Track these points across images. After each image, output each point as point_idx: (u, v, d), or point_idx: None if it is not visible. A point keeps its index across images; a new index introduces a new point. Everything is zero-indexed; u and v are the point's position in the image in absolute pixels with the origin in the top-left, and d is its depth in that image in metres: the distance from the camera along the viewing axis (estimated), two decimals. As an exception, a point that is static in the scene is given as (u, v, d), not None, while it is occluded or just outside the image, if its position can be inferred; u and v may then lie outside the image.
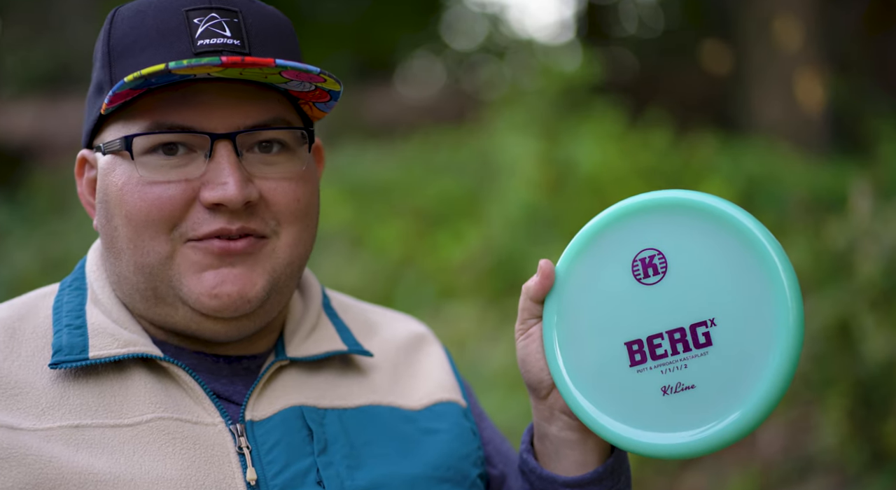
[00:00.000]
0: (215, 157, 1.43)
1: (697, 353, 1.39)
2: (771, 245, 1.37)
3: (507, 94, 7.71)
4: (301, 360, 1.54)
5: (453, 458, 1.56)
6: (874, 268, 3.66)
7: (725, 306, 1.38)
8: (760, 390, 1.35)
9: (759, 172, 6.35)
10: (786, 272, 1.36)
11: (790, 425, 4.09)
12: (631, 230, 1.44)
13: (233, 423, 1.46)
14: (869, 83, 8.69)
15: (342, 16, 13.88)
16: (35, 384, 1.42)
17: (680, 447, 1.39)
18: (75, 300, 1.51)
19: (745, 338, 1.37)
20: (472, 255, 6.23)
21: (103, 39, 1.48)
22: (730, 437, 1.37)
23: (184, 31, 1.43)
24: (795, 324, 1.35)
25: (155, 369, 1.47)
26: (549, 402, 1.50)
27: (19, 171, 10.49)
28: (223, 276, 1.44)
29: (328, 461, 1.47)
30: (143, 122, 1.43)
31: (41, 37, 13.73)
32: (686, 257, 1.41)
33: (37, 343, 1.46)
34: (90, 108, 1.50)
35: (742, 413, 1.36)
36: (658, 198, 1.43)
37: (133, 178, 1.43)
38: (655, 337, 1.41)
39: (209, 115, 1.43)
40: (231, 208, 1.42)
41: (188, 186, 1.43)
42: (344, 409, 1.54)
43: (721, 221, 1.39)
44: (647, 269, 1.42)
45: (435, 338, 1.72)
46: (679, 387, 1.40)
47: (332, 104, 1.51)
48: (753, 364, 1.36)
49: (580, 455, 1.50)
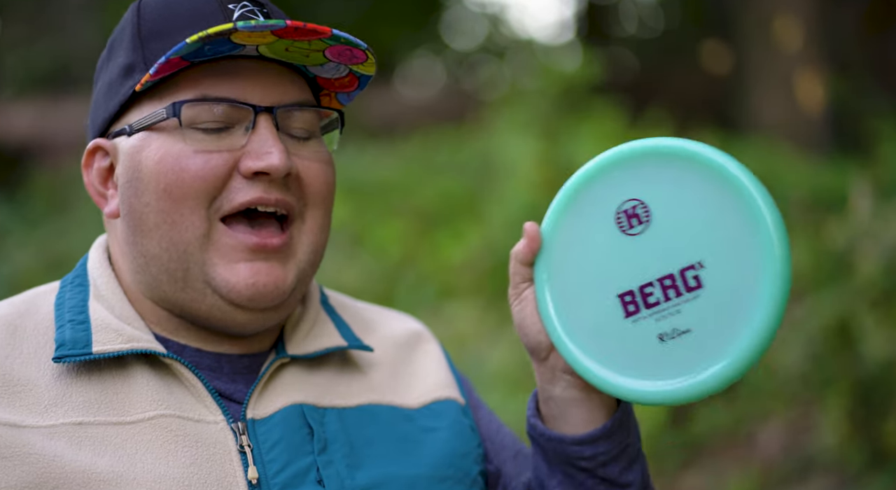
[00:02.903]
0: (258, 129, 1.45)
1: (689, 297, 1.40)
2: (752, 184, 1.39)
3: (507, 94, 7.70)
4: (302, 358, 1.54)
5: (454, 457, 1.57)
6: (874, 268, 3.66)
7: (712, 248, 1.39)
8: (754, 328, 1.36)
9: (759, 172, 6.28)
10: (767, 207, 1.38)
11: (790, 425, 4.09)
12: (610, 183, 1.45)
13: (234, 421, 1.46)
14: (869, 83, 8.69)
15: (342, 15, 13.88)
16: (38, 381, 1.42)
17: (681, 391, 1.40)
18: (78, 296, 1.51)
19: (734, 276, 1.38)
20: (472, 255, 6.23)
21: (132, 25, 1.49)
22: (729, 376, 1.38)
23: (220, 16, 1.46)
24: (782, 256, 1.36)
25: (157, 366, 1.47)
26: (549, 364, 1.51)
27: (19, 171, 10.48)
28: (257, 269, 1.46)
29: (328, 460, 1.48)
30: (188, 93, 1.44)
31: (41, 37, 13.73)
32: (668, 204, 1.42)
33: (38, 340, 1.46)
34: (110, 95, 1.50)
35: (738, 352, 1.37)
36: (635, 147, 1.45)
37: (174, 149, 1.44)
38: (646, 286, 1.42)
39: (251, 89, 1.46)
40: (274, 177, 1.44)
41: (230, 157, 1.45)
42: (343, 409, 1.54)
43: (700, 165, 1.40)
44: (631, 219, 1.43)
45: (431, 335, 1.73)
46: (675, 332, 1.41)
47: (354, 95, 1.55)
48: (745, 301, 1.37)
49: (586, 412, 1.50)
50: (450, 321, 5.55)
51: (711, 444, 4.27)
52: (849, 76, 8.35)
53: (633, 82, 11.14)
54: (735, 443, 4.18)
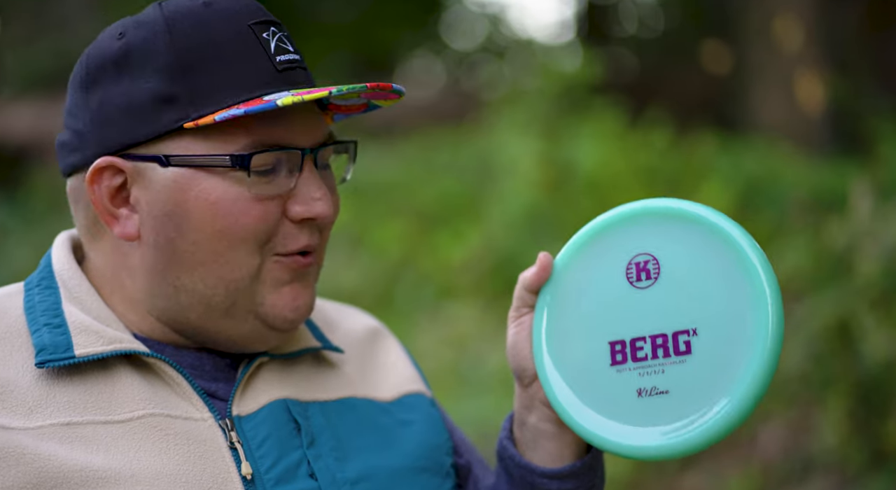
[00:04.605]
0: (304, 173, 1.47)
1: (676, 361, 1.42)
2: (762, 266, 1.40)
3: (507, 94, 7.70)
4: (279, 357, 1.56)
5: (429, 449, 1.60)
6: (874, 268, 3.66)
7: (708, 318, 1.41)
8: (725, 409, 1.38)
9: (759, 172, 6.35)
10: (771, 292, 1.39)
11: (790, 425, 4.09)
12: (631, 234, 1.48)
13: (221, 418, 1.47)
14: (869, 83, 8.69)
15: (342, 15, 13.89)
16: (19, 383, 1.41)
17: (648, 449, 1.42)
18: (49, 299, 1.48)
19: (722, 350, 1.40)
20: (472, 255, 6.24)
21: (165, 48, 1.44)
22: (692, 446, 1.40)
23: (259, 47, 1.45)
24: (772, 341, 1.38)
25: (139, 366, 1.46)
26: (530, 392, 1.53)
27: (19, 171, 10.48)
28: (297, 291, 1.49)
29: (317, 454, 1.49)
30: (242, 139, 1.44)
31: (41, 36, 13.72)
32: (679, 266, 1.44)
33: (13, 343, 1.44)
34: (135, 117, 1.45)
35: (707, 426, 1.39)
36: (660, 206, 1.48)
37: (231, 194, 1.43)
38: (639, 340, 1.44)
39: (299, 131, 1.47)
40: (323, 223, 1.48)
41: (281, 202, 1.46)
42: (325, 402, 1.55)
43: (719, 237, 1.43)
44: (641, 273, 1.46)
45: (389, 331, 1.75)
46: (654, 391, 1.43)
47: (353, 115, 1.58)
48: (726, 377, 1.39)
49: (556, 448, 1.53)
50: (449, 321, 5.55)
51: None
52: (849, 76, 8.35)
53: (633, 82, 11.13)
54: (735, 443, 4.18)
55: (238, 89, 1.43)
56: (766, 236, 5.07)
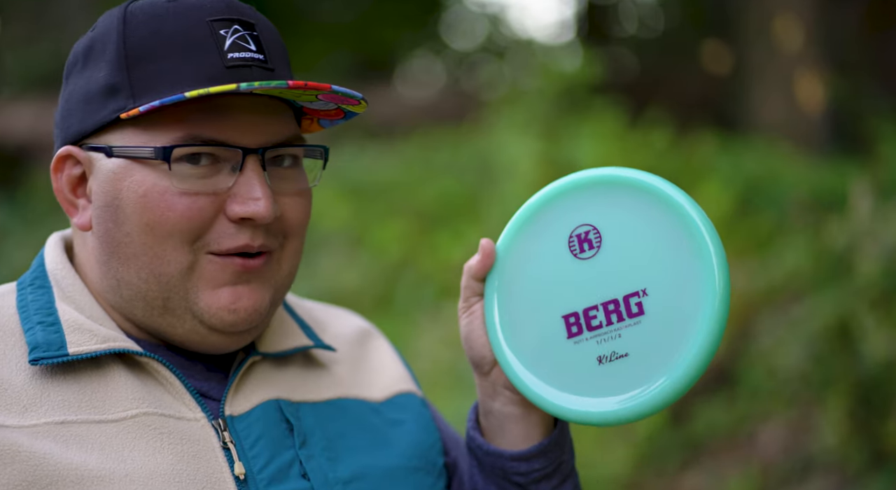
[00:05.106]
0: (245, 172, 1.44)
1: (630, 323, 1.44)
2: (700, 218, 1.43)
3: (507, 94, 7.69)
4: (270, 356, 1.56)
5: (422, 448, 1.61)
6: (874, 268, 3.66)
7: (656, 277, 1.44)
8: (686, 358, 1.40)
9: (759, 172, 6.34)
10: (713, 243, 1.42)
11: (790, 425, 4.09)
12: (567, 207, 1.50)
13: (214, 418, 1.47)
14: (869, 83, 8.69)
15: (342, 15, 13.89)
16: (12, 381, 1.41)
17: (610, 414, 1.44)
18: (42, 298, 1.49)
19: (674, 307, 1.42)
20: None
21: (117, 36, 1.45)
22: (657, 404, 1.42)
23: (211, 43, 1.43)
24: (721, 292, 1.40)
25: (132, 365, 1.46)
26: (491, 379, 1.54)
27: (19, 171, 10.48)
28: (239, 293, 1.46)
29: (309, 454, 1.49)
30: (176, 132, 1.42)
31: (41, 36, 13.72)
32: (619, 232, 1.46)
33: (6, 341, 1.44)
34: (88, 108, 1.47)
35: (668, 380, 1.41)
36: (593, 175, 1.50)
37: (158, 187, 1.42)
38: (591, 309, 1.47)
39: (240, 129, 1.44)
40: (259, 224, 1.44)
41: (216, 199, 1.44)
42: (315, 403, 1.56)
43: (653, 196, 1.45)
44: (583, 244, 1.48)
45: (379, 331, 1.75)
46: (613, 356, 1.45)
47: (338, 122, 1.55)
48: (681, 332, 1.41)
49: (524, 429, 1.54)
50: (449, 321, 5.54)
51: (711, 444, 4.27)
52: (849, 76, 8.35)
53: (633, 82, 11.13)
54: (735, 443, 4.18)
55: (179, 83, 1.41)
56: (766, 236, 5.07)
